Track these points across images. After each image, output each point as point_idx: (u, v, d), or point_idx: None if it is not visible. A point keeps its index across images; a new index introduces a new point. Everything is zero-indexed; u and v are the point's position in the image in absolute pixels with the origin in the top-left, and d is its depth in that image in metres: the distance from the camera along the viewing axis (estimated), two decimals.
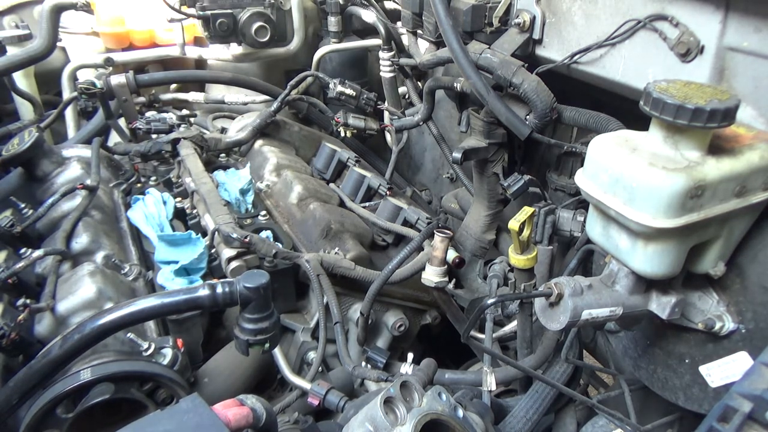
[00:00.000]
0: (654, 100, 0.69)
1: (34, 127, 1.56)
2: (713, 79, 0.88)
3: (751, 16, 0.81)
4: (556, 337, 1.06)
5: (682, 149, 0.72)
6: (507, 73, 1.15)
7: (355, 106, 1.65)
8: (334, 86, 1.60)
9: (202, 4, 1.89)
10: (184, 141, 1.59)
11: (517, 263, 1.12)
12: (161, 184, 1.58)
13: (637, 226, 0.72)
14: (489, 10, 1.24)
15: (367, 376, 1.16)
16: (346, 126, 1.66)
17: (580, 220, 1.08)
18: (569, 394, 1.02)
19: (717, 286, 0.84)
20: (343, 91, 1.61)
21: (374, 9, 1.74)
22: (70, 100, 1.82)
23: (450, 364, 1.45)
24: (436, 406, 0.75)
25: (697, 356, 0.88)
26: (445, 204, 1.79)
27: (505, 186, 1.24)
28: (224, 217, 1.23)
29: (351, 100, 1.63)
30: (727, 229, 0.77)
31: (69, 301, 1.10)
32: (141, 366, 0.97)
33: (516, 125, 1.16)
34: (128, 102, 1.72)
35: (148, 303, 0.81)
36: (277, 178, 1.61)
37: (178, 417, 0.62)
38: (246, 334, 0.87)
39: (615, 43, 1.02)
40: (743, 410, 0.56)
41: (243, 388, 1.18)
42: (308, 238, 1.40)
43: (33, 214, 1.33)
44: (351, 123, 1.65)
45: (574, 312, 0.78)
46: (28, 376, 0.79)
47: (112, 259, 1.25)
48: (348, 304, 1.30)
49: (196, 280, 1.23)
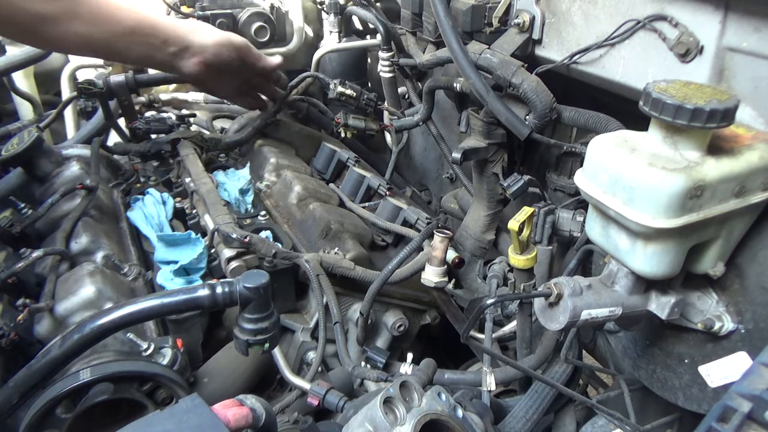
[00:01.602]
0: (653, 100, 0.69)
1: (33, 127, 1.56)
2: (713, 79, 0.88)
3: (750, 17, 0.81)
4: (556, 338, 1.06)
5: (681, 149, 0.72)
6: (506, 74, 1.15)
7: (355, 107, 1.65)
8: (335, 87, 1.60)
9: (202, 4, 1.89)
10: (183, 141, 1.59)
11: (517, 263, 1.12)
12: (161, 184, 1.58)
13: (636, 227, 0.72)
14: (489, 11, 1.24)
15: (367, 376, 1.16)
16: (346, 127, 1.66)
17: (579, 221, 1.08)
18: (569, 394, 1.02)
19: (716, 286, 0.85)
20: (343, 91, 1.60)
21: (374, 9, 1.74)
22: (69, 100, 1.81)
23: (450, 364, 1.45)
24: (436, 406, 0.75)
25: (696, 356, 0.88)
26: (444, 204, 1.79)
27: (505, 186, 1.24)
28: (224, 217, 1.23)
29: (351, 101, 1.63)
30: (727, 229, 0.77)
31: (69, 301, 1.10)
32: (141, 366, 0.97)
33: (515, 125, 1.16)
34: (128, 102, 1.71)
35: (147, 303, 0.81)
36: (277, 178, 1.61)
37: (178, 417, 0.62)
38: (246, 334, 0.87)
39: (614, 43, 1.02)
40: (742, 410, 0.56)
41: (243, 388, 1.18)
42: (308, 238, 1.40)
43: (33, 214, 1.33)
44: (351, 124, 1.65)
45: (573, 312, 0.78)
46: (28, 376, 0.79)
47: (111, 259, 1.25)
48: (348, 304, 1.30)
49: (195, 280, 1.23)
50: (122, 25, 1.32)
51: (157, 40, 1.38)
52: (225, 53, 1.47)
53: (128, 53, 1.38)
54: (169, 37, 1.39)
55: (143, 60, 1.46)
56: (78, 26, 1.26)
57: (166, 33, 1.39)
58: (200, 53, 1.44)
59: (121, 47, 1.35)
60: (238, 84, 1.60)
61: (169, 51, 1.41)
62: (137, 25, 1.34)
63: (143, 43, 1.37)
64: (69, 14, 1.24)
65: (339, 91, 1.60)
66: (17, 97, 2.15)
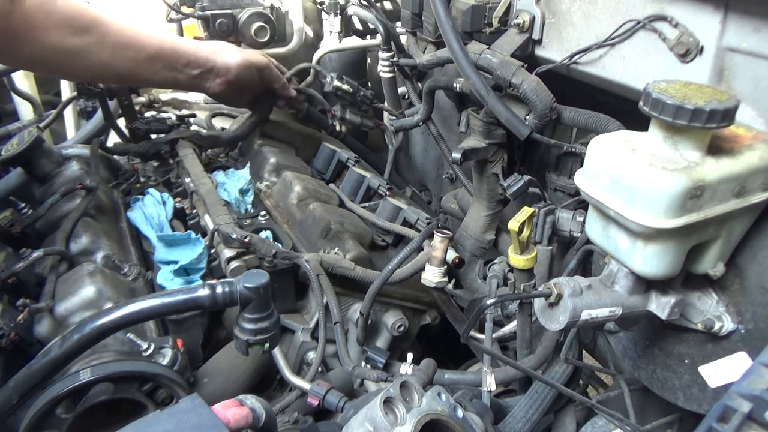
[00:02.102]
0: (653, 100, 0.69)
1: (33, 127, 1.57)
2: (713, 79, 0.88)
3: (750, 17, 0.81)
4: (556, 338, 1.06)
5: (681, 149, 0.72)
6: (506, 74, 1.15)
7: (351, 103, 1.65)
8: (331, 80, 1.60)
9: (202, 4, 1.89)
10: (182, 141, 1.58)
11: (517, 263, 1.12)
12: (161, 185, 1.58)
13: (636, 227, 0.72)
14: (489, 11, 1.24)
15: (367, 377, 1.16)
16: (342, 120, 1.66)
17: (579, 221, 1.08)
18: (569, 394, 1.02)
19: (716, 286, 0.85)
20: (339, 86, 1.60)
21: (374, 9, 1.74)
22: (69, 100, 1.82)
23: (450, 364, 1.45)
24: (436, 407, 0.75)
25: (696, 356, 0.88)
26: (444, 204, 1.79)
27: (505, 186, 1.24)
28: (224, 218, 1.23)
29: (347, 96, 1.63)
30: (727, 229, 0.77)
31: (69, 302, 1.10)
32: (141, 366, 0.97)
33: (515, 125, 1.16)
34: (128, 102, 1.71)
35: (147, 303, 0.81)
36: (277, 178, 1.61)
37: (178, 417, 0.62)
38: (246, 334, 0.87)
39: (614, 43, 1.02)
40: (742, 410, 0.56)
41: (243, 388, 1.18)
42: (308, 238, 1.40)
43: (33, 214, 1.33)
44: (348, 118, 1.65)
45: (573, 312, 0.78)
46: (28, 376, 0.79)
47: (111, 260, 1.25)
48: (348, 305, 1.30)
49: (195, 280, 1.23)
50: (146, 52, 1.36)
51: (179, 64, 1.43)
52: (246, 74, 1.53)
53: (152, 78, 1.43)
54: (190, 60, 1.44)
55: (167, 83, 1.51)
56: (104, 56, 1.30)
57: (188, 56, 1.43)
58: (224, 75, 1.49)
59: (144, 72, 1.39)
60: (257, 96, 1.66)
61: (192, 74, 1.45)
62: (159, 51, 1.38)
63: (166, 67, 1.41)
64: (96, 45, 1.28)
65: (335, 85, 1.60)
66: (17, 97, 2.15)
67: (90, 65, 1.31)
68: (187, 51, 1.44)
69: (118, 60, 1.33)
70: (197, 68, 1.45)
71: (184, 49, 1.44)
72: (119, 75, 1.40)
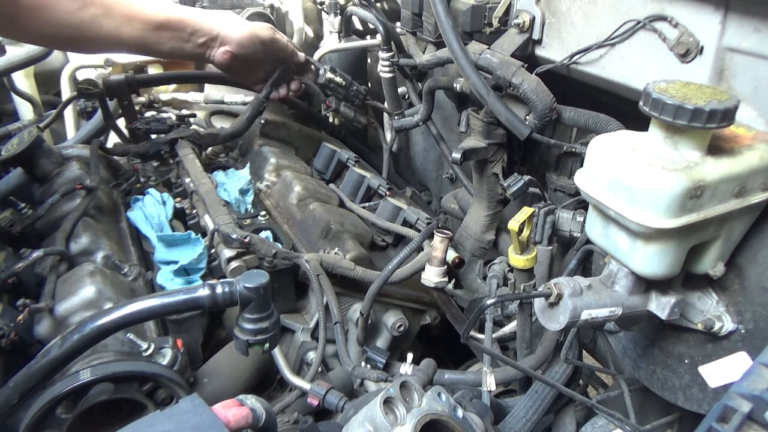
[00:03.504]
0: (653, 100, 0.69)
1: (33, 127, 1.56)
2: (713, 79, 0.88)
3: (750, 17, 0.81)
4: (556, 338, 1.06)
5: (681, 149, 0.72)
6: (506, 74, 1.15)
7: (343, 96, 1.65)
8: (324, 72, 1.59)
9: (202, 4, 1.89)
10: (181, 141, 1.58)
11: (517, 263, 1.12)
12: (161, 185, 1.58)
13: (636, 227, 0.72)
14: (489, 11, 1.24)
15: (367, 377, 1.16)
16: (336, 112, 1.65)
17: (579, 221, 1.08)
18: (569, 394, 1.02)
19: (716, 286, 0.85)
20: (332, 78, 1.60)
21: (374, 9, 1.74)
22: (69, 101, 1.81)
23: (450, 364, 1.45)
24: (436, 407, 0.75)
25: (696, 356, 0.88)
26: (444, 204, 1.79)
27: (505, 186, 1.24)
28: (224, 218, 1.23)
29: (340, 90, 1.62)
30: (727, 229, 0.77)
31: (69, 302, 1.10)
32: (141, 366, 0.97)
33: (516, 125, 1.16)
34: (128, 102, 1.71)
35: (147, 303, 0.81)
36: (277, 178, 1.61)
37: (178, 417, 0.62)
38: (246, 335, 0.87)
39: (614, 43, 1.02)
40: (742, 410, 0.56)
41: (243, 388, 1.18)
42: (308, 238, 1.41)
43: (33, 214, 1.33)
44: (342, 111, 1.65)
45: (573, 312, 0.78)
46: (28, 376, 0.79)
47: (111, 260, 1.25)
48: (348, 305, 1.30)
49: (195, 280, 1.23)
50: (152, 21, 1.36)
51: (185, 33, 1.42)
52: (250, 46, 1.50)
53: (158, 47, 1.42)
54: (196, 28, 1.43)
55: (174, 53, 1.49)
56: (111, 26, 1.31)
57: (193, 25, 1.43)
58: (228, 43, 1.47)
59: (151, 42, 1.39)
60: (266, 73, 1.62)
61: (197, 42, 1.44)
62: (166, 20, 1.38)
63: (172, 37, 1.41)
64: (104, 17, 1.29)
65: (328, 77, 1.60)
66: (17, 97, 2.15)
67: (98, 37, 1.31)
68: (192, 19, 1.43)
69: (126, 31, 1.34)
70: (203, 36, 1.44)
71: (190, 17, 1.43)
72: (128, 46, 1.40)
